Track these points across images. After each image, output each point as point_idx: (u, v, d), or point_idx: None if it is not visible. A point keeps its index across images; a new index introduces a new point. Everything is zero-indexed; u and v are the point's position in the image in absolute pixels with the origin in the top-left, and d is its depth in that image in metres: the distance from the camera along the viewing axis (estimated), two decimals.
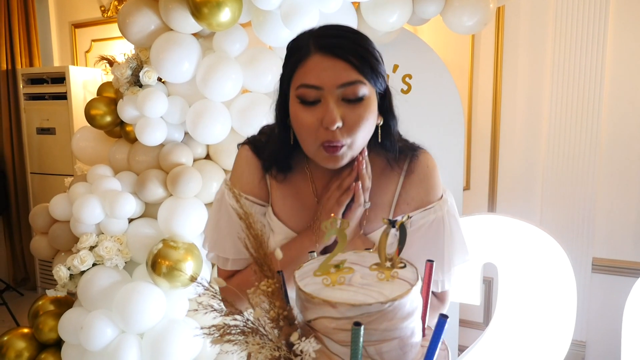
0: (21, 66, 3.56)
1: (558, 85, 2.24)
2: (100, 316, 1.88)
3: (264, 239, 0.64)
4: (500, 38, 2.37)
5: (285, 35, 1.85)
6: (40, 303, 2.25)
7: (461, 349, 2.06)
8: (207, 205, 2.17)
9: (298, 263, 0.74)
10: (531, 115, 2.37)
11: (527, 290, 1.71)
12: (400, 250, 0.69)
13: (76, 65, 3.71)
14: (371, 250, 0.79)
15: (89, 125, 2.39)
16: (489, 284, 2.50)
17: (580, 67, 2.19)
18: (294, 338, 0.63)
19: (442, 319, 0.63)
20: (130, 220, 2.11)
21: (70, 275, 2.00)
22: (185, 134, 2.20)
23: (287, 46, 0.87)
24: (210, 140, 2.11)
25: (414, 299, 0.66)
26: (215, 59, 1.99)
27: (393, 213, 0.91)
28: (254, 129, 1.01)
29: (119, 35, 3.49)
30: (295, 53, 0.83)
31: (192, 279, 1.71)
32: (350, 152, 0.83)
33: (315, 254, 0.80)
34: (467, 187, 2.53)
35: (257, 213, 0.92)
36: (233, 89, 2.02)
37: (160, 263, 1.93)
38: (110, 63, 2.49)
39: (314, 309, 0.65)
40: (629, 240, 2.25)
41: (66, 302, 2.24)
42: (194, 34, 2.03)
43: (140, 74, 2.02)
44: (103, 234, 2.04)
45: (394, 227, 0.67)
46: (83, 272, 1.99)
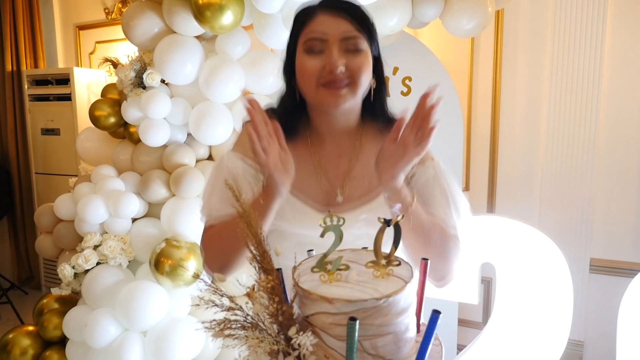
0: (26, 67, 3.59)
1: (556, 88, 2.26)
2: (104, 314, 1.91)
3: (262, 237, 0.66)
4: (500, 41, 2.39)
5: (286, 37, 1.87)
6: (44, 301, 2.28)
7: (460, 348, 2.09)
8: None
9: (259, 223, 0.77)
10: (530, 117, 2.39)
11: (525, 290, 1.73)
12: (395, 249, 0.72)
13: (80, 66, 3.74)
14: (368, 248, 0.81)
15: (93, 126, 2.43)
16: (488, 284, 2.52)
17: (578, 70, 2.21)
18: (292, 332, 0.65)
19: (435, 315, 0.66)
20: (133, 220, 2.14)
21: (75, 273, 2.03)
22: (188, 135, 2.23)
23: (295, 15, 0.96)
24: (213, 141, 2.14)
25: (409, 295, 0.69)
26: (217, 61, 2.02)
27: None
28: None
29: (123, 37, 3.53)
30: (302, 16, 0.93)
31: (196, 276, 1.74)
32: (350, 97, 0.91)
33: (313, 252, 0.83)
34: (467, 188, 2.56)
35: (252, 177, 0.96)
36: (235, 90, 2.05)
37: (163, 262, 1.96)
38: (115, 65, 2.53)
39: (312, 304, 0.67)
40: (626, 241, 2.26)
41: (70, 301, 2.27)
42: (197, 37, 2.06)
43: (144, 76, 2.05)
44: (107, 233, 2.07)
45: (389, 226, 0.70)
46: (87, 271, 2.02)
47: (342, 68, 0.88)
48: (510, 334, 1.75)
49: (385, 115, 1.00)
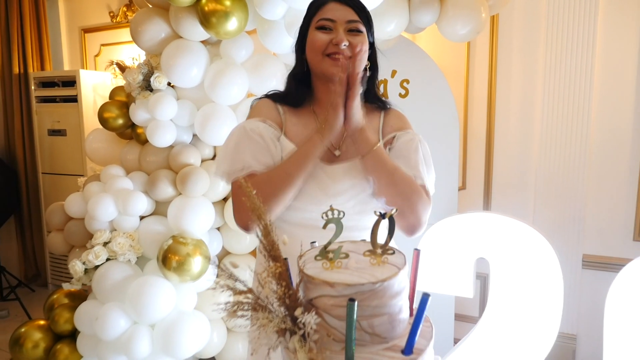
0: (33, 70, 3.67)
1: (550, 90, 2.33)
2: (114, 308, 1.99)
3: (272, 228, 0.74)
4: (495, 45, 2.47)
5: (288, 42, 1.95)
6: (55, 297, 2.37)
7: (457, 342, 2.16)
8: (215, 203, 2.28)
9: (308, 157, 1.05)
10: (524, 118, 2.47)
11: (518, 284, 1.80)
12: (389, 239, 0.80)
13: (85, 68, 3.82)
14: (365, 240, 0.89)
15: (100, 127, 2.51)
16: (484, 280, 2.60)
17: (570, 73, 2.28)
18: (298, 313, 0.73)
19: (425, 297, 0.73)
20: (141, 217, 2.22)
21: (85, 269, 2.11)
22: (194, 135, 2.31)
23: (309, 4, 1.18)
24: (218, 141, 2.21)
25: (402, 280, 0.77)
26: (222, 65, 2.10)
27: (382, 133, 1.20)
28: None
29: (128, 40, 3.63)
30: (314, 4, 1.16)
31: (208, 260, 1.84)
32: (351, 67, 1.06)
33: (316, 243, 0.91)
34: (463, 187, 2.63)
35: (273, 136, 1.14)
36: (239, 93, 2.12)
37: (170, 258, 2.04)
38: (122, 68, 2.61)
39: (315, 288, 0.75)
40: (617, 238, 2.34)
41: (79, 296, 2.35)
42: (202, 42, 2.13)
43: (151, 79, 2.13)
44: (116, 230, 2.15)
45: (384, 218, 0.78)
46: (97, 267, 2.10)
47: (346, 43, 1.09)
48: (504, 326, 1.82)
49: (376, 95, 1.23)
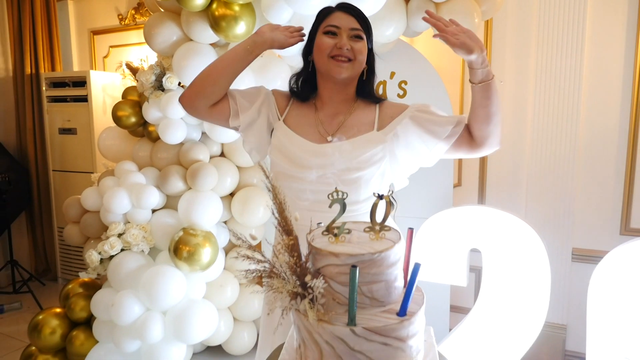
0: (44, 70, 3.79)
1: (540, 92, 2.45)
2: (129, 295, 2.11)
3: (286, 206, 0.87)
4: (489, 47, 2.59)
5: (293, 47, 2.07)
6: (70, 286, 2.49)
7: None
8: (222, 198, 2.40)
9: (231, 52, 1.36)
10: (516, 117, 2.59)
11: (508, 273, 1.92)
12: (386, 218, 0.92)
13: (94, 69, 3.95)
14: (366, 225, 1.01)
15: (112, 126, 2.63)
16: (478, 273, 2.72)
17: (560, 75, 2.40)
18: (307, 279, 0.85)
19: (417, 265, 0.86)
20: (153, 211, 2.35)
21: (101, 259, 2.23)
22: (203, 133, 2.43)
23: (318, 12, 1.34)
24: (225, 139, 2.34)
25: (397, 253, 0.89)
26: None
27: (377, 124, 1.31)
28: None
29: (135, 42, 3.76)
30: (322, 12, 1.32)
31: (217, 251, 1.96)
32: (350, 70, 1.27)
33: (322, 223, 1.03)
34: (459, 184, 2.75)
35: (267, 102, 1.37)
36: None
37: (181, 249, 2.16)
38: (132, 69, 2.74)
39: (322, 259, 0.88)
40: (605, 232, 2.46)
41: (93, 286, 2.47)
42: (212, 44, 2.26)
43: (163, 80, 2.25)
44: (129, 222, 2.28)
45: (382, 199, 0.90)
46: (112, 257, 2.22)
47: (348, 47, 1.25)
48: (496, 312, 1.94)
49: (372, 94, 1.37)
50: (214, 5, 1.97)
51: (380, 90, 2.45)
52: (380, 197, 0.90)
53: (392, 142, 1.28)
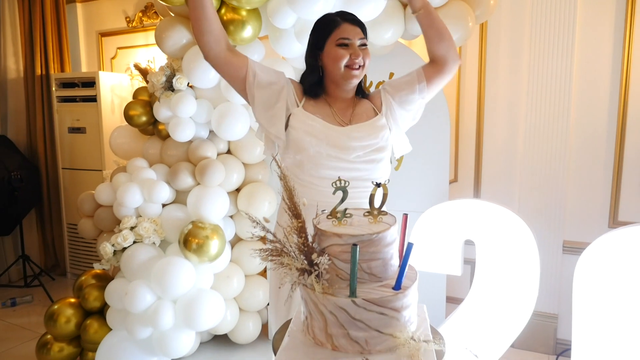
0: (54, 71, 3.91)
1: (533, 90, 2.57)
2: (141, 285, 2.22)
3: (295, 192, 0.98)
4: (484, 49, 2.71)
5: (297, 48, 2.19)
6: (83, 278, 2.60)
7: None
8: (229, 193, 2.52)
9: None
10: (510, 116, 2.70)
11: (500, 262, 2.03)
12: (383, 203, 1.04)
13: (102, 70, 4.06)
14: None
15: (122, 125, 2.75)
16: (473, 265, 2.82)
17: (552, 75, 2.51)
18: (313, 257, 0.97)
19: (410, 244, 0.97)
20: (163, 205, 2.46)
21: (114, 251, 2.34)
22: (210, 131, 2.55)
23: (317, 21, 1.50)
24: (232, 137, 2.45)
25: (392, 234, 1.01)
26: None
27: (377, 110, 1.54)
28: None
29: (143, 43, 3.88)
30: (329, 24, 1.46)
31: (225, 243, 2.07)
32: (361, 75, 1.48)
33: (326, 211, 1.15)
34: (455, 180, 2.87)
35: (285, 94, 1.49)
36: None
37: (190, 241, 2.28)
38: (141, 71, 2.86)
39: (327, 239, 0.99)
40: (594, 225, 2.57)
41: (105, 277, 2.59)
42: None
43: (173, 81, 2.37)
44: (141, 216, 2.39)
45: (380, 187, 1.02)
46: (125, 249, 2.34)
47: (361, 60, 1.44)
48: (488, 300, 2.05)
49: (362, 90, 1.59)
50: (223, 10, 2.08)
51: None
52: (378, 185, 1.02)
53: (393, 117, 1.52)
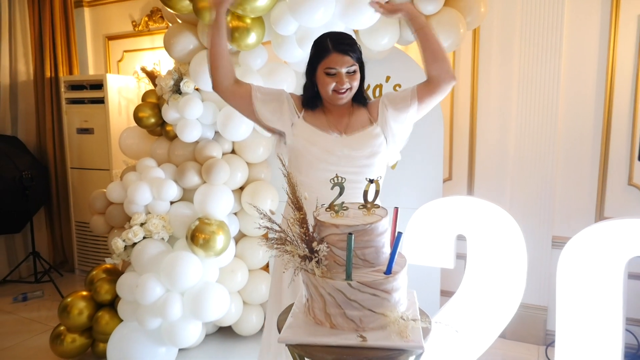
0: (63, 74, 4.04)
1: (523, 94, 2.69)
2: (151, 278, 2.34)
3: (297, 188, 1.11)
4: (477, 54, 2.83)
5: (298, 54, 2.31)
6: (94, 272, 2.73)
7: None
8: (233, 191, 2.64)
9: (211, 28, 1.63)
10: (502, 117, 2.83)
11: (490, 256, 2.14)
12: (375, 198, 1.16)
13: (109, 72, 4.19)
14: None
15: (132, 126, 2.88)
16: (466, 260, 2.95)
17: (540, 78, 2.63)
18: (314, 245, 1.10)
19: (399, 233, 1.10)
20: (171, 202, 2.59)
21: (125, 246, 2.47)
22: (216, 132, 2.67)
23: (315, 41, 1.61)
24: (236, 138, 2.58)
25: (384, 225, 1.14)
26: (241, 72, 2.44)
27: (372, 119, 1.64)
28: None
29: (148, 46, 4.01)
30: (322, 50, 1.56)
31: (230, 238, 2.21)
32: (348, 96, 1.59)
33: (326, 204, 1.27)
34: (450, 178, 2.99)
35: (287, 102, 1.65)
36: None
37: (197, 236, 2.40)
38: (147, 74, 2.98)
39: (325, 229, 1.12)
40: (581, 221, 2.69)
41: (115, 272, 2.72)
42: None
43: (181, 84, 2.49)
44: (150, 213, 2.52)
45: (372, 183, 1.14)
46: (135, 244, 2.46)
47: (347, 84, 1.56)
48: (478, 291, 2.17)
49: (364, 99, 1.68)
50: (228, 18, 2.21)
51: (377, 93, 2.69)
52: (370, 182, 1.15)
53: (387, 126, 1.61)
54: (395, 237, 1.10)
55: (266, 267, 2.98)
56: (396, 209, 1.21)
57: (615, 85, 2.54)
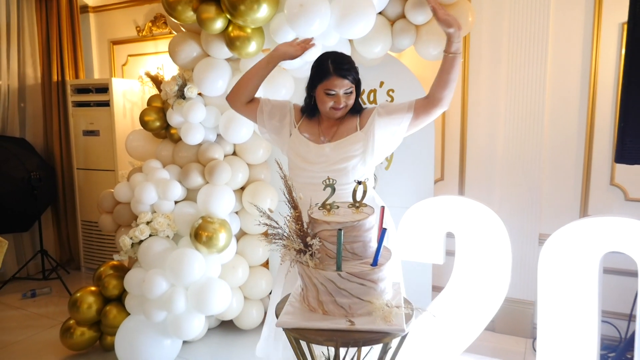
0: (69, 78, 4.17)
1: (511, 98, 2.82)
2: (157, 273, 2.47)
3: (293, 189, 1.24)
4: (467, 60, 2.95)
5: (296, 62, 2.43)
6: (102, 269, 2.86)
7: None
8: (235, 191, 2.78)
9: (257, 66, 1.83)
10: (491, 121, 2.96)
11: (476, 253, 2.26)
12: (363, 198, 1.30)
13: (114, 76, 4.32)
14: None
15: (138, 128, 3.00)
16: None
17: (527, 83, 2.76)
18: (308, 240, 1.23)
19: (384, 229, 1.23)
20: (175, 202, 2.72)
21: (132, 243, 2.60)
22: (218, 135, 2.80)
23: (317, 60, 1.76)
24: (237, 140, 2.71)
25: (371, 222, 1.27)
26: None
27: (359, 126, 1.76)
28: None
29: (152, 51, 4.14)
30: (324, 72, 1.70)
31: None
32: (344, 112, 1.74)
33: (319, 204, 1.41)
34: (442, 179, 3.13)
35: (288, 114, 1.85)
36: None
37: (200, 234, 2.53)
38: (152, 78, 3.11)
39: (318, 225, 1.25)
40: (568, 219, 2.79)
41: (121, 268, 2.85)
42: (227, 59, 2.62)
43: (185, 90, 2.62)
44: (156, 212, 2.65)
45: (360, 184, 1.27)
46: (141, 242, 2.59)
47: (344, 103, 1.71)
48: (466, 286, 2.29)
49: (358, 108, 1.81)
50: (230, 28, 2.34)
51: (371, 97, 2.82)
52: (359, 183, 1.28)
53: (371, 133, 1.71)
54: (381, 233, 1.23)
55: (266, 264, 3.11)
56: (382, 207, 1.34)
57: (597, 90, 2.67)
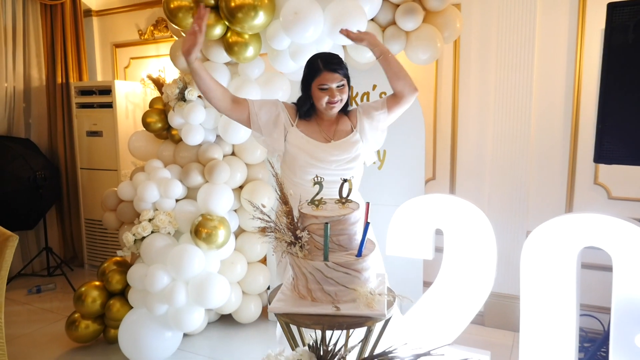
0: (73, 80, 4.28)
1: (499, 100, 2.93)
2: (159, 268, 2.58)
3: (284, 186, 1.35)
4: (457, 64, 3.07)
5: (292, 65, 2.55)
6: (105, 265, 2.97)
7: None
8: (233, 190, 2.89)
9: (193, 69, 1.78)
10: (480, 123, 3.07)
11: (463, 249, 2.37)
12: (348, 195, 1.41)
13: (117, 79, 4.44)
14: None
15: (140, 130, 3.12)
16: None
17: (515, 86, 2.87)
18: (298, 233, 1.34)
19: (367, 224, 1.34)
20: (176, 200, 2.83)
21: (134, 240, 2.71)
22: (217, 136, 2.91)
23: (308, 61, 1.87)
24: (236, 141, 2.82)
25: (356, 216, 1.38)
26: (240, 81, 2.69)
27: (352, 126, 1.91)
28: None
29: (154, 54, 4.26)
30: (315, 70, 1.82)
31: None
32: (339, 108, 1.85)
33: (308, 200, 1.52)
34: (434, 178, 3.24)
35: (281, 112, 1.90)
36: None
37: (200, 231, 2.64)
38: (153, 80, 3.22)
39: (308, 220, 1.36)
40: (553, 216, 2.90)
41: (124, 263, 2.96)
42: (225, 63, 2.74)
43: (186, 92, 2.73)
44: (158, 210, 2.76)
45: (346, 182, 1.38)
46: (144, 238, 2.70)
47: (338, 97, 1.81)
48: (454, 281, 2.40)
49: (348, 108, 1.95)
50: (229, 34, 2.45)
51: (365, 99, 2.93)
52: (344, 181, 1.39)
53: (364, 131, 1.89)
54: (365, 226, 1.34)
55: (264, 260, 3.22)
56: (367, 203, 1.45)
57: (582, 93, 2.78)
